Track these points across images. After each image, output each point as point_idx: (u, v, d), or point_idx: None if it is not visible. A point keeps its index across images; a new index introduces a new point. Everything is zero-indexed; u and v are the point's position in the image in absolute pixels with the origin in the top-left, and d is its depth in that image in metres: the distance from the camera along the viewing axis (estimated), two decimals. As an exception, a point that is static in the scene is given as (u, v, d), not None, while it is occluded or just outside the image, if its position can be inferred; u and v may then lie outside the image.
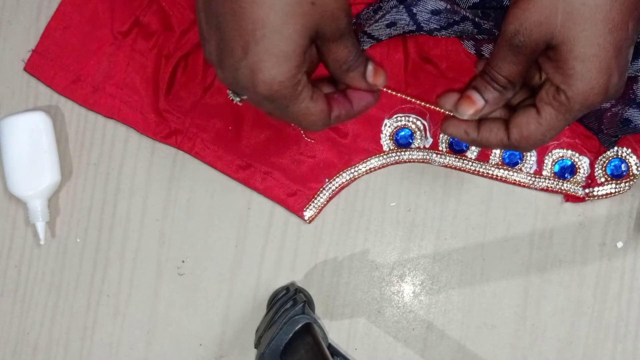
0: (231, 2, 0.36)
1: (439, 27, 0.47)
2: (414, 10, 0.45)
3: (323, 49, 0.39)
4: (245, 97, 0.41)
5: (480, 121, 0.43)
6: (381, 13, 0.45)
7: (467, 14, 0.45)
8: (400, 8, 0.46)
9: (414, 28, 0.46)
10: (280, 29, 0.35)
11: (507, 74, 0.41)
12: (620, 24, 0.37)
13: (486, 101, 0.42)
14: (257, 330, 0.50)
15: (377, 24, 0.46)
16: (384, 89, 0.43)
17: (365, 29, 0.46)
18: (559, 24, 0.37)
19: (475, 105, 0.42)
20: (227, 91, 0.46)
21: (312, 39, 0.37)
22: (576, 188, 0.50)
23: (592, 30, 0.37)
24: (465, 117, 0.43)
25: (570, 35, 0.37)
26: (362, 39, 0.48)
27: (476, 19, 0.45)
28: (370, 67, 0.41)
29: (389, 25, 0.46)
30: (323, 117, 0.40)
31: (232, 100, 0.43)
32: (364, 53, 0.41)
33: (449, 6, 0.44)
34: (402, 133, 0.50)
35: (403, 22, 0.46)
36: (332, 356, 0.44)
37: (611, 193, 0.50)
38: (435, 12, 0.45)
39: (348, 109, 0.41)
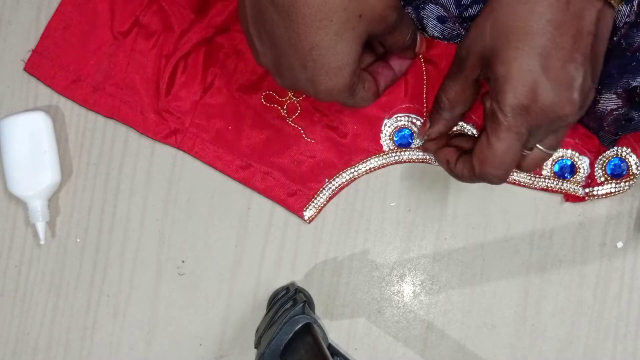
0: (285, 26, 0.38)
1: (442, 37, 0.48)
2: (422, 14, 0.46)
3: (380, 39, 0.42)
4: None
5: (460, 155, 0.45)
6: None
7: (462, 31, 0.46)
8: (409, 9, 0.46)
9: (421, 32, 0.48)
10: (334, 46, 0.38)
11: (449, 93, 0.43)
12: (541, 31, 0.37)
13: (431, 122, 0.46)
14: (257, 330, 0.50)
15: None
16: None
17: None
18: (487, 35, 0.39)
19: (425, 126, 0.47)
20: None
21: (365, 43, 0.40)
22: (576, 188, 0.50)
23: (512, 36, 0.38)
24: (424, 138, 0.47)
25: (496, 45, 0.39)
26: None
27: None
28: (419, 40, 0.45)
29: None
30: (375, 97, 0.44)
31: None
32: (415, 27, 0.44)
33: (451, 15, 0.45)
34: (402, 133, 0.50)
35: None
36: (332, 356, 0.44)
37: (611, 192, 0.50)
38: (440, 20, 0.46)
39: (392, 76, 0.46)
